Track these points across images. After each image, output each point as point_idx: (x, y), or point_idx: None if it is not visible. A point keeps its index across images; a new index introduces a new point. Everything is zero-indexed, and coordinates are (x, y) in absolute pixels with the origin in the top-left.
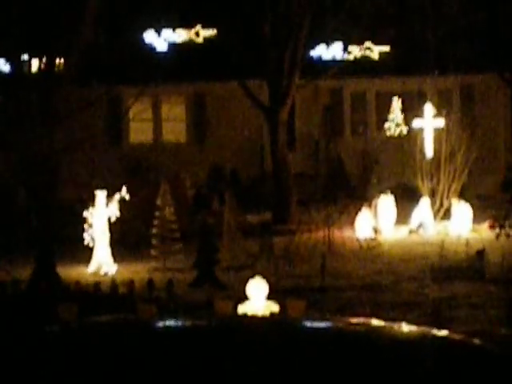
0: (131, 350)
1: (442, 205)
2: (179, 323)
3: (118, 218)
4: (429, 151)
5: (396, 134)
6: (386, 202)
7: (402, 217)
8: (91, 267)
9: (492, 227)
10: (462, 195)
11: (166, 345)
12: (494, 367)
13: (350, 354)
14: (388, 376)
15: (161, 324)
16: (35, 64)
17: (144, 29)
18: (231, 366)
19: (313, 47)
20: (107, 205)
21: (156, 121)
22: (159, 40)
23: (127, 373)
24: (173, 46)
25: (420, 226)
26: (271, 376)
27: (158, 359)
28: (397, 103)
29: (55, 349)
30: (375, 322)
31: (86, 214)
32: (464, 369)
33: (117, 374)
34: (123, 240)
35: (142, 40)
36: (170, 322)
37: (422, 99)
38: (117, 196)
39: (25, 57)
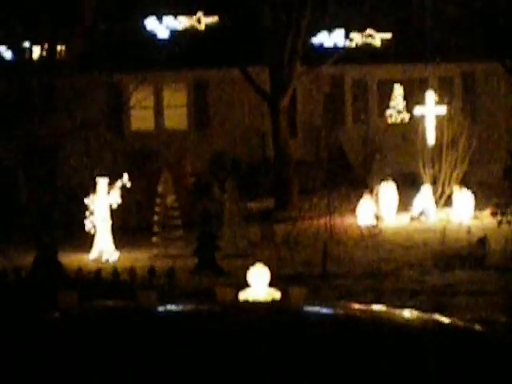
0: (131, 337)
1: (443, 192)
2: (180, 309)
3: (119, 205)
4: (430, 138)
5: (398, 121)
6: (388, 190)
7: (404, 204)
8: (92, 254)
9: (494, 214)
10: (464, 182)
11: (167, 331)
12: (494, 354)
13: (352, 339)
14: (389, 362)
15: (161, 310)
16: (37, 51)
17: (145, 16)
18: (232, 353)
19: (314, 34)
20: (109, 192)
21: (157, 108)
22: (161, 27)
23: (127, 360)
24: (174, 33)
25: (422, 213)
26: (272, 363)
27: (158, 346)
28: (398, 90)
29: (54, 335)
30: (377, 307)
31: (87, 201)
32: (464, 355)
33: (117, 361)
34: (124, 227)
35: (144, 27)
36: (171, 309)
37: (423, 86)
38: (118, 183)
39: (26, 44)
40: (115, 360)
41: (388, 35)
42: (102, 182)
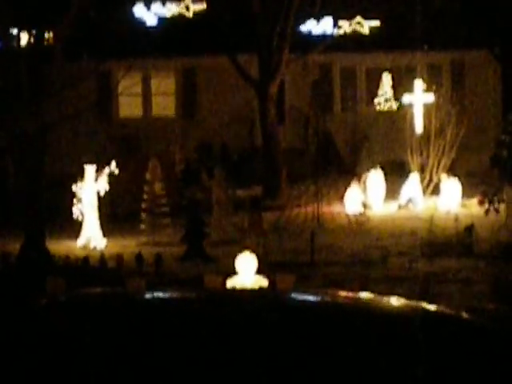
0: (119, 324)
1: (431, 180)
2: (168, 296)
3: (107, 193)
4: (418, 127)
5: (386, 109)
6: (376, 178)
7: (392, 192)
8: (80, 241)
9: (481, 203)
10: (452, 171)
11: (155, 318)
12: (482, 341)
13: (340, 327)
14: (377, 349)
15: (149, 297)
16: (24, 38)
17: (134, 3)
18: (220, 340)
19: (303, 22)
20: (96, 179)
21: (145, 95)
22: (149, 14)
23: (115, 346)
24: (162, 20)
25: (409, 201)
26: (260, 350)
27: (146, 332)
28: (387, 78)
29: (42, 322)
30: (365, 295)
31: (75, 188)
32: (452, 343)
33: (104, 347)
34: (112, 214)
35: (132, 14)
36: (159, 295)
37: (412, 74)
38: (106, 170)
39: (14, 31)
40: (103, 347)
41: (376, 23)
42: (90, 169)
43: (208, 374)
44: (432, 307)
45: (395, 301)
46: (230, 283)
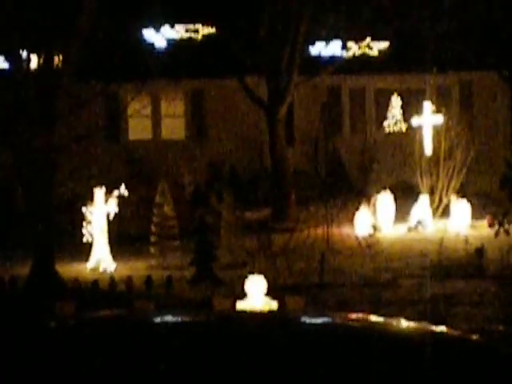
0: (129, 346)
1: (441, 202)
2: (177, 320)
3: (116, 215)
4: (428, 148)
5: (395, 131)
6: (385, 200)
7: (401, 214)
8: (90, 264)
9: (491, 224)
10: (461, 192)
11: (164, 340)
12: (492, 364)
13: (349, 349)
14: (386, 372)
15: (159, 319)
16: (34, 60)
17: (143, 25)
18: (229, 363)
19: (311, 44)
20: (106, 202)
21: (155, 118)
22: (158, 37)
23: (124, 368)
24: (172, 43)
25: (419, 223)
26: (269, 373)
27: (156, 355)
28: (396, 100)
29: (52, 345)
30: (374, 317)
31: (84, 210)
32: (463, 365)
33: (114, 370)
34: (122, 237)
35: (141, 37)
36: (168, 319)
37: (421, 96)
38: (115, 193)
39: (23, 53)
40: (113, 371)
41: (385, 45)
42: (100, 192)
43: None
44: (442, 329)
45: (405, 323)
46: (240, 306)
